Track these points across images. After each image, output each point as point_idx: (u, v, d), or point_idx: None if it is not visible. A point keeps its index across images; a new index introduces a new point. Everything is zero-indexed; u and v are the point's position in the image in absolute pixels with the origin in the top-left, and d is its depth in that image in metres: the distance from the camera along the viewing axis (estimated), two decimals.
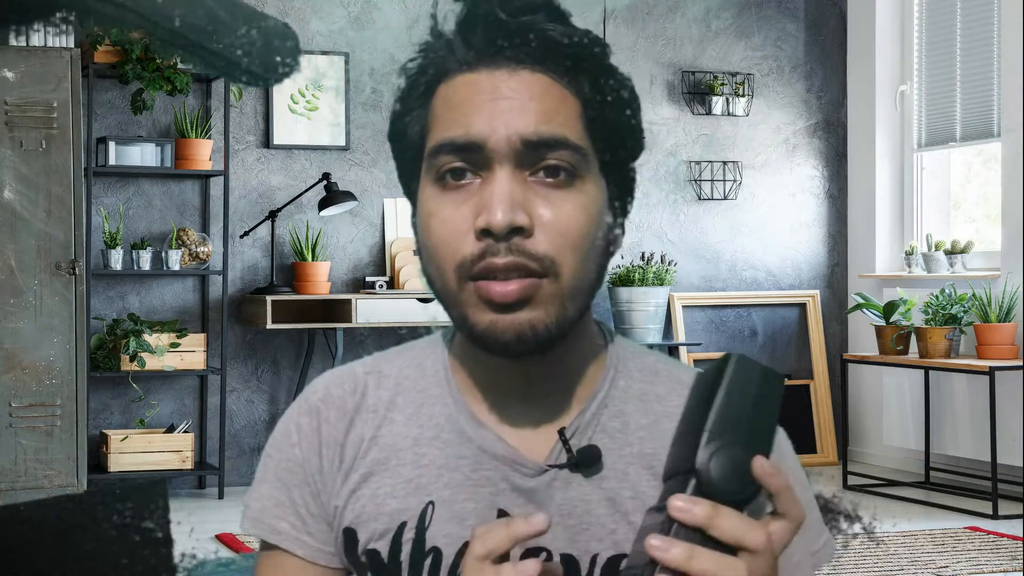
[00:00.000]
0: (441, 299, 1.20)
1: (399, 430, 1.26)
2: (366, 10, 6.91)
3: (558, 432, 1.23)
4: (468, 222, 1.16)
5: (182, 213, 6.72)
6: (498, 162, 1.16)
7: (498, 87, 1.17)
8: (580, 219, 1.17)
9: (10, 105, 5.80)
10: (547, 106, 1.17)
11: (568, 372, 1.24)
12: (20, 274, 5.80)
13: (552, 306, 1.16)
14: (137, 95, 6.42)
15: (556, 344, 1.19)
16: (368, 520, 1.24)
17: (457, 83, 1.19)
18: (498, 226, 1.14)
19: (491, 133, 1.16)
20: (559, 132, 1.16)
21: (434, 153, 1.18)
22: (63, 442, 5.87)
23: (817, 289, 7.58)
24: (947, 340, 6.38)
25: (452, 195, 1.18)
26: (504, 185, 1.15)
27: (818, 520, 1.27)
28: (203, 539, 5.51)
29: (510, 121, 1.16)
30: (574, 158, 1.17)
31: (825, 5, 7.60)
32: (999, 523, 5.81)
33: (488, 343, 1.17)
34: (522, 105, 1.16)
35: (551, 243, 1.16)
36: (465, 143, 1.16)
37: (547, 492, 1.22)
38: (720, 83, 7.38)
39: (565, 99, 1.18)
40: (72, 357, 5.88)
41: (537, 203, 1.16)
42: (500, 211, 1.14)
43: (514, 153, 1.16)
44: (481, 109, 1.17)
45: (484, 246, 1.15)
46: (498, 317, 1.16)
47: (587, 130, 1.19)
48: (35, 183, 5.81)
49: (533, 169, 1.17)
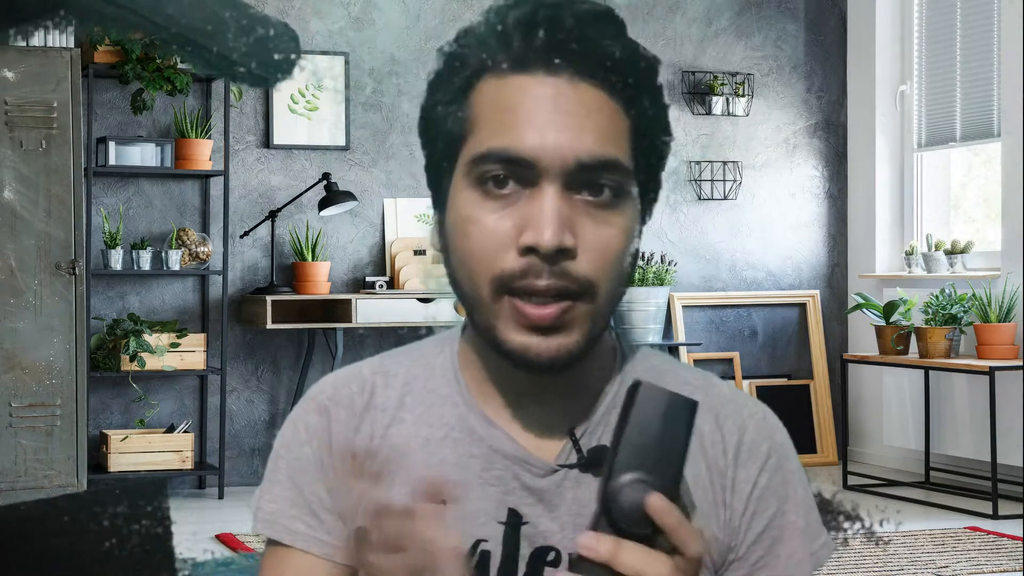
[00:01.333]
0: (468, 304, 1.19)
1: (409, 430, 1.26)
2: (366, 10, 6.91)
3: (569, 433, 1.23)
4: (511, 236, 1.13)
5: (182, 213, 6.72)
6: (547, 178, 1.13)
7: (556, 97, 1.13)
8: (621, 241, 1.16)
9: (10, 105, 5.79)
10: (602, 125, 1.14)
11: (576, 374, 1.24)
12: (20, 274, 5.80)
13: (584, 327, 1.16)
14: (137, 95, 6.42)
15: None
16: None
17: (509, 83, 1.15)
18: (547, 246, 1.11)
19: (545, 150, 1.12)
20: (613, 155, 1.14)
21: (478, 160, 1.15)
22: (63, 442, 5.87)
23: (817, 289, 7.58)
24: (947, 340, 6.38)
25: (495, 203, 1.14)
26: (554, 203, 1.12)
27: (817, 521, 1.28)
28: (203, 539, 5.51)
29: (567, 140, 1.12)
30: (621, 179, 1.15)
31: (825, 5, 7.60)
32: (999, 523, 5.81)
33: (519, 362, 1.17)
34: (579, 123, 1.13)
35: (592, 265, 1.14)
36: (516, 156, 1.13)
37: (557, 492, 1.23)
38: (720, 83, 7.38)
39: (618, 118, 1.15)
40: (72, 357, 5.88)
41: (583, 224, 1.14)
42: (550, 231, 1.11)
43: (566, 173, 1.13)
44: (536, 121, 1.13)
45: (527, 264, 1.13)
46: (533, 340, 1.15)
47: (633, 150, 1.17)
48: (35, 183, 5.80)
49: (580, 187, 1.14)
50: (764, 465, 1.26)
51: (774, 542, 1.25)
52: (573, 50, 1.13)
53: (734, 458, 1.26)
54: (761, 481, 1.26)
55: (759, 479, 1.26)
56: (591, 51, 1.13)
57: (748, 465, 1.26)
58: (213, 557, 5.11)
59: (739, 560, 1.25)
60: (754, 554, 1.25)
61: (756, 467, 1.26)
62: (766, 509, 1.25)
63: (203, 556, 5.10)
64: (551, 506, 1.23)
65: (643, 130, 1.17)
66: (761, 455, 1.26)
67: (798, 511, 1.27)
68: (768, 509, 1.25)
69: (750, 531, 1.25)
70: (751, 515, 1.25)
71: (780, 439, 1.28)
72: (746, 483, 1.25)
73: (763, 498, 1.25)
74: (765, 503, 1.25)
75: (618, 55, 1.14)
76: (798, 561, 1.25)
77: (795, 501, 1.27)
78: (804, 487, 1.28)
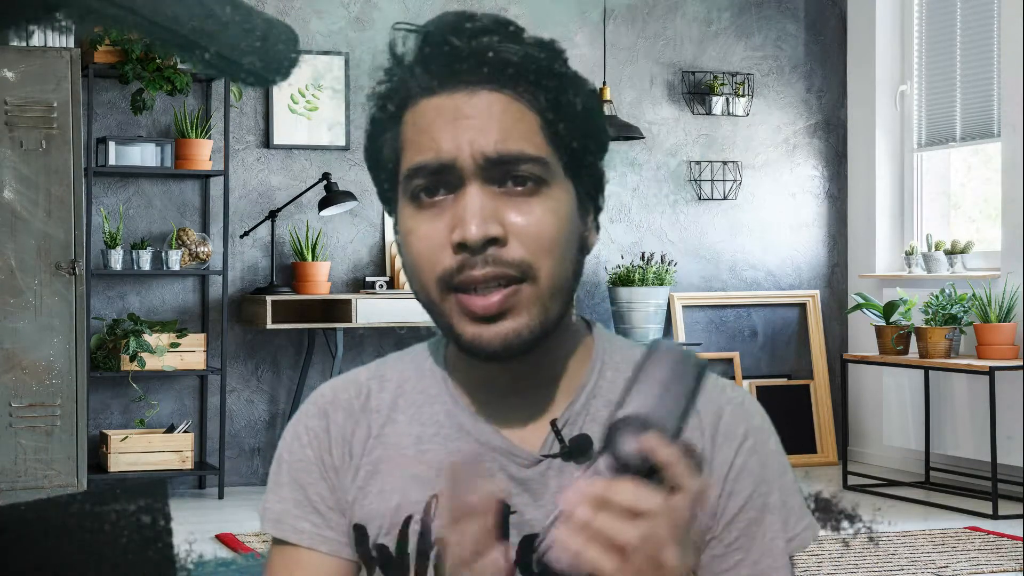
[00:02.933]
0: (427, 310, 1.27)
1: (402, 429, 1.33)
2: (366, 10, 6.91)
3: (551, 423, 1.29)
4: (444, 236, 1.22)
5: (182, 213, 6.72)
6: (468, 179, 1.22)
7: (460, 108, 1.22)
8: (551, 222, 1.23)
9: (10, 105, 5.80)
10: (506, 124, 1.22)
11: (553, 366, 1.31)
12: (20, 274, 5.81)
13: (533, 309, 1.23)
14: (137, 95, 6.42)
15: (540, 343, 1.25)
16: (376, 516, 1.31)
17: (422, 108, 1.24)
18: (472, 239, 1.20)
19: (458, 153, 1.22)
20: (517, 148, 1.22)
21: (409, 177, 1.25)
22: (63, 442, 5.87)
23: (817, 289, 7.58)
24: (947, 340, 6.38)
25: (427, 212, 1.24)
26: (475, 200, 1.21)
27: (800, 505, 1.32)
28: (203, 539, 5.51)
29: (472, 140, 1.22)
30: (537, 169, 1.23)
31: (825, 5, 7.60)
32: (999, 523, 5.81)
33: (475, 352, 1.24)
34: (482, 124, 1.22)
35: (526, 248, 1.22)
36: (437, 166, 1.22)
37: (542, 481, 1.29)
38: (720, 83, 7.38)
39: (523, 115, 1.23)
40: (72, 357, 5.88)
41: (509, 212, 1.22)
42: (474, 225, 1.20)
43: (481, 169, 1.22)
44: (445, 131, 1.22)
45: (462, 259, 1.21)
46: (482, 329, 1.23)
47: (548, 140, 1.24)
48: (35, 183, 5.81)
49: (501, 181, 1.22)
50: (740, 447, 1.31)
51: (751, 523, 1.30)
52: (465, 65, 1.23)
53: (711, 440, 1.31)
54: (737, 462, 1.30)
55: (735, 460, 1.30)
56: (481, 61, 1.23)
57: (724, 447, 1.31)
58: (213, 557, 5.12)
59: (716, 539, 1.30)
60: (730, 534, 1.30)
61: (732, 449, 1.31)
62: (742, 490, 1.30)
63: (203, 556, 5.10)
64: (536, 495, 1.28)
65: (556, 121, 1.24)
66: (737, 437, 1.31)
67: (777, 493, 1.31)
68: (744, 490, 1.30)
69: (727, 511, 1.30)
70: (727, 495, 1.30)
71: (758, 423, 1.33)
72: (723, 465, 1.30)
73: (739, 479, 1.30)
74: (741, 483, 1.30)
75: (507, 58, 1.23)
76: (775, 542, 1.30)
77: (773, 483, 1.31)
78: (784, 470, 1.33)
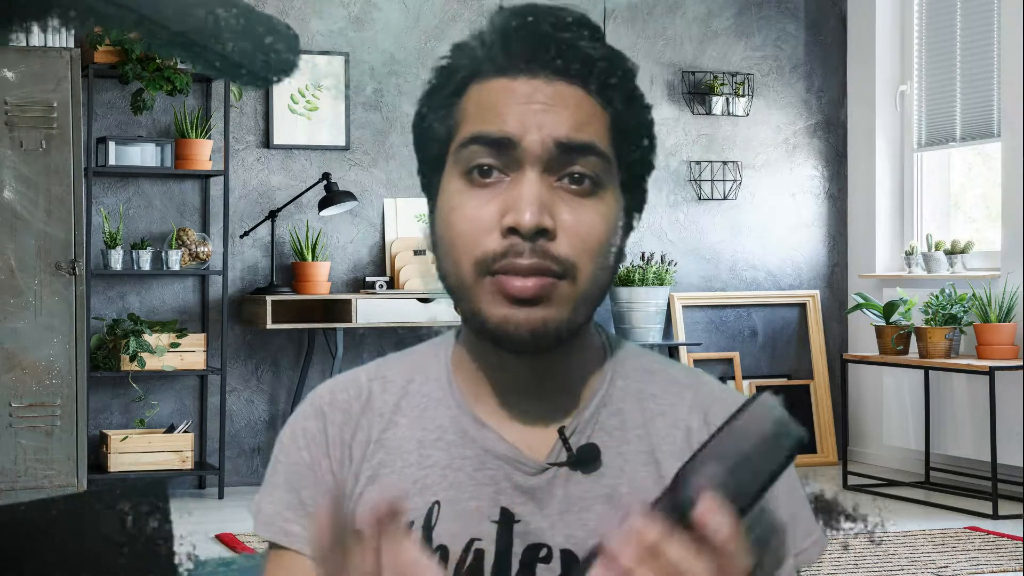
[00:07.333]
0: (454, 294, 1.24)
1: (404, 433, 1.30)
2: (366, 10, 6.91)
3: (558, 431, 1.26)
4: (493, 219, 1.20)
5: (182, 213, 6.72)
6: (529, 163, 1.20)
7: (534, 93, 1.20)
8: (600, 227, 1.22)
9: (10, 105, 5.80)
10: (580, 116, 1.21)
11: (572, 372, 1.28)
12: (20, 274, 5.80)
13: (566, 307, 1.21)
14: (137, 95, 6.42)
15: (564, 343, 1.23)
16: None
17: (492, 86, 1.22)
18: (527, 226, 1.17)
19: (525, 132, 1.19)
20: (590, 139, 1.21)
21: (465, 143, 1.22)
22: (63, 442, 5.87)
23: (817, 289, 7.58)
24: (947, 340, 6.38)
25: (479, 192, 1.21)
26: (534, 187, 1.19)
27: (808, 517, 1.29)
28: (203, 539, 5.51)
29: (544, 123, 1.19)
30: (601, 166, 1.22)
31: (825, 5, 7.60)
32: (999, 523, 5.81)
33: (500, 337, 1.21)
34: (557, 111, 1.20)
35: (572, 247, 1.20)
36: (499, 137, 1.20)
37: (548, 489, 1.26)
38: (720, 83, 7.38)
39: (596, 112, 1.22)
40: (72, 357, 5.88)
41: (561, 207, 1.20)
42: (529, 212, 1.18)
43: (546, 155, 1.20)
44: (516, 110, 1.20)
45: (509, 244, 1.19)
46: (513, 311, 1.19)
47: (613, 143, 1.23)
48: (35, 183, 5.80)
49: (559, 175, 1.21)
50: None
51: (757, 540, 1.25)
52: (550, 54, 1.21)
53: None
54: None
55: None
56: (566, 53, 1.21)
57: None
58: (213, 557, 5.12)
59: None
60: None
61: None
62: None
63: (203, 556, 5.10)
64: (542, 504, 1.26)
65: (622, 127, 1.23)
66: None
67: (785, 506, 1.27)
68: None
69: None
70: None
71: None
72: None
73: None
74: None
75: (592, 55, 1.22)
76: (783, 555, 1.26)
77: (780, 499, 1.27)
78: (792, 486, 1.28)
